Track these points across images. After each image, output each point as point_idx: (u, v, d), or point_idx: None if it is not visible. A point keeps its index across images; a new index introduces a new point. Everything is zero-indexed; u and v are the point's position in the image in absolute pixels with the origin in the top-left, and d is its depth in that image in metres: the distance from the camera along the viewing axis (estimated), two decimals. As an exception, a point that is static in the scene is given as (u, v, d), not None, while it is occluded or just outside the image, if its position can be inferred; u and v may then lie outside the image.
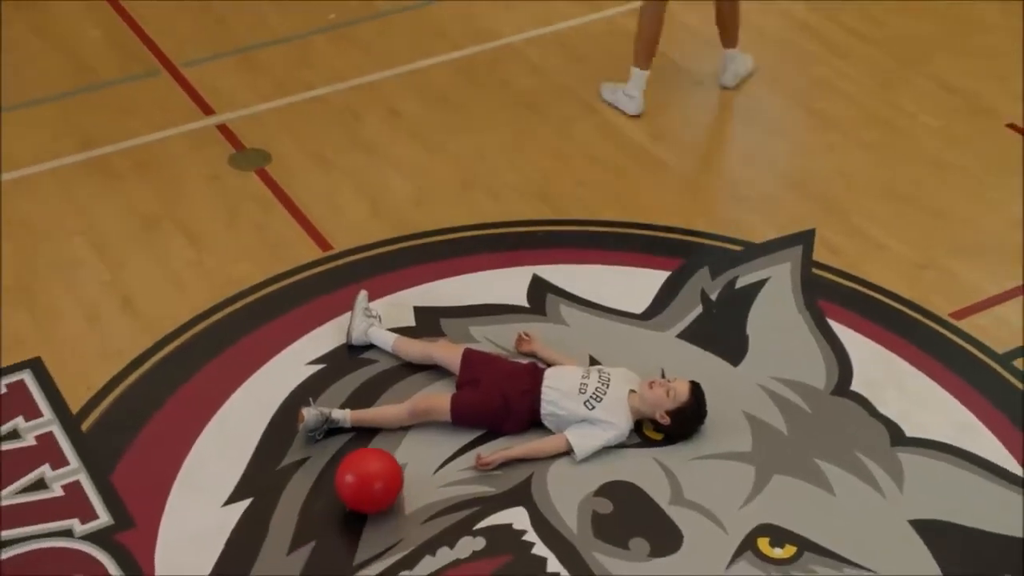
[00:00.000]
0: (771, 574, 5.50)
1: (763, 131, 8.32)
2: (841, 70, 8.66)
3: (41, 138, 7.81)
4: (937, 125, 8.16)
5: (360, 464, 5.80)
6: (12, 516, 5.65)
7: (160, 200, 7.38)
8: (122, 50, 8.61)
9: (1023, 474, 5.99)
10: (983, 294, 6.93)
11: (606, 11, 9.15)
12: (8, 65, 8.49)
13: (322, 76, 8.43)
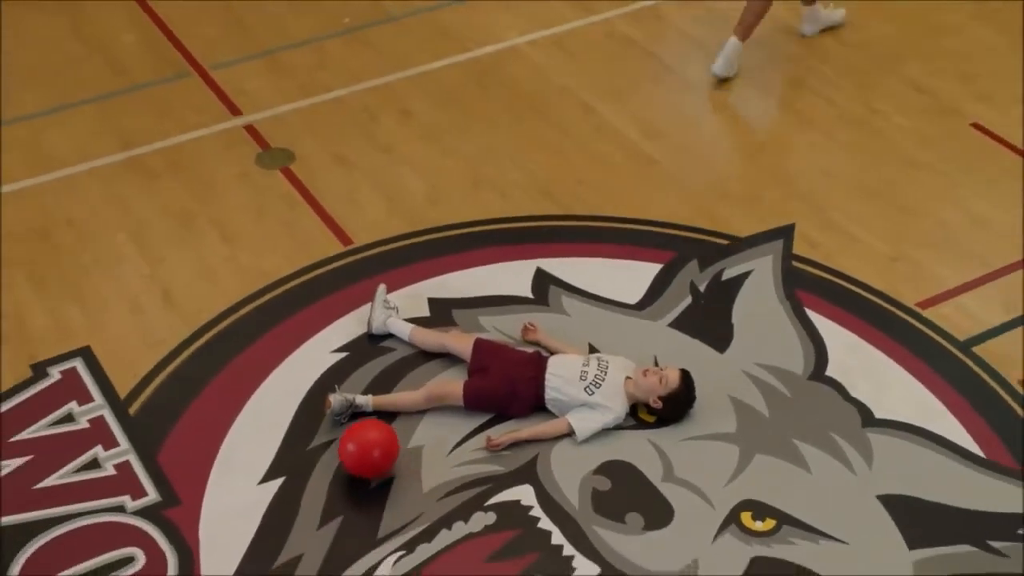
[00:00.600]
0: (753, 546, 5.67)
1: (747, 130, 8.41)
2: (820, 72, 8.66)
3: (83, 139, 7.86)
4: (908, 125, 8.19)
5: (360, 434, 5.95)
6: (70, 493, 5.82)
7: (194, 198, 7.47)
8: (155, 53, 8.63)
9: (981, 453, 6.14)
10: (947, 285, 7.04)
11: (603, 14, 9.14)
12: (49, 67, 8.55)
13: (339, 78, 8.46)
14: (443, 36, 8.86)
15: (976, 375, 6.53)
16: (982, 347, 6.65)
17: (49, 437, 6.08)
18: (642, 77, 8.64)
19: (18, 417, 6.17)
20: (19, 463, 5.94)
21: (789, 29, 9.03)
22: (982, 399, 6.43)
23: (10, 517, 5.72)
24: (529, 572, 5.65)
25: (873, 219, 7.47)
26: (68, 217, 7.29)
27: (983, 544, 5.73)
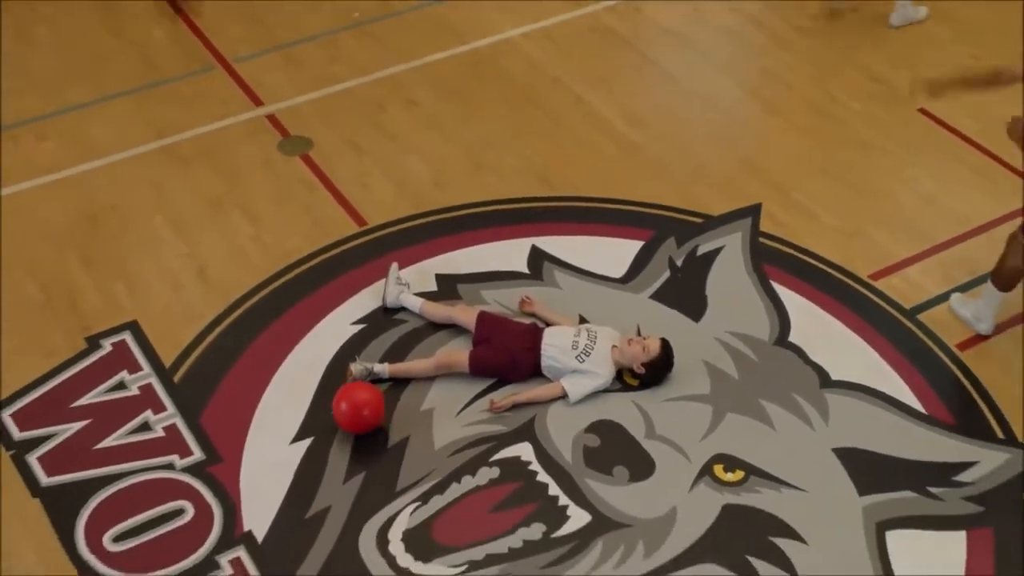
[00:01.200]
0: (724, 494, 5.95)
1: (720, 117, 8.43)
2: (785, 62, 8.75)
3: (121, 129, 7.94)
4: (863, 111, 8.31)
5: (350, 395, 6.15)
6: (126, 453, 6.07)
7: (223, 183, 7.59)
8: (183, 48, 8.67)
9: (923, 409, 6.41)
10: (895, 258, 7.23)
11: (588, 7, 9.18)
12: (88, 62, 8.56)
13: (350, 70, 8.52)
14: (443, 29, 8.89)
15: (919, 339, 6.75)
16: (925, 314, 6.86)
17: (105, 403, 6.28)
18: (625, 67, 8.70)
19: (77, 385, 6.36)
20: (80, 426, 6.15)
21: (758, 21, 9.11)
22: (924, 361, 6.66)
23: (74, 474, 5.95)
24: (529, 521, 5.81)
25: (831, 199, 7.62)
26: (112, 202, 7.40)
27: (923, 490, 6.00)
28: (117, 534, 5.74)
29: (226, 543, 5.69)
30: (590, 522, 5.82)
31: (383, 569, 5.61)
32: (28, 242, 7.17)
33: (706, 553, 5.73)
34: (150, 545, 5.70)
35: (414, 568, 5.60)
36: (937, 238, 7.36)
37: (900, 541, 5.84)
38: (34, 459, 6.02)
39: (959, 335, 6.78)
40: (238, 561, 5.60)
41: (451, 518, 5.82)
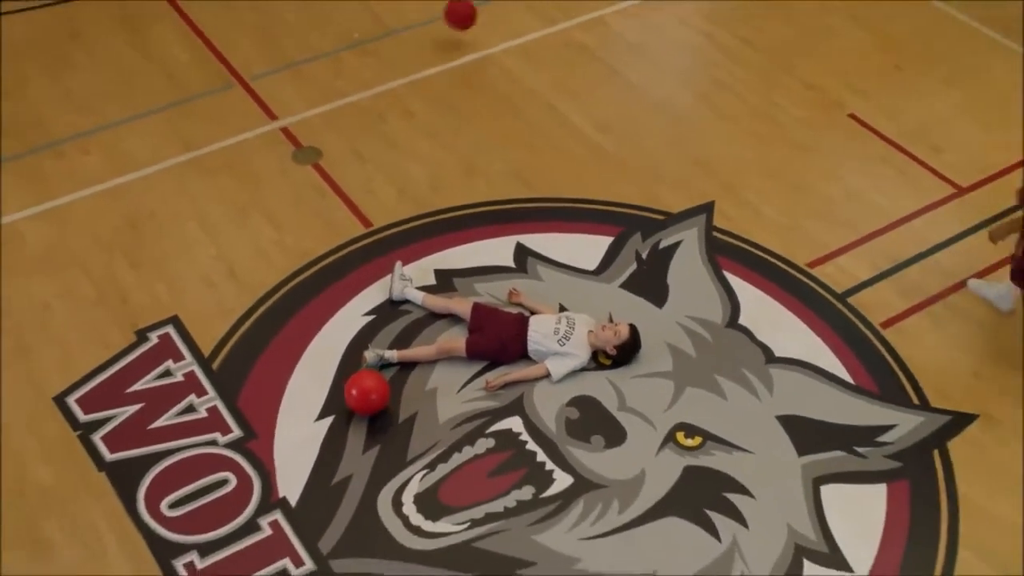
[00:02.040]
0: (685, 457, 6.21)
1: (678, 124, 8.45)
2: (734, 72, 8.84)
3: (154, 143, 7.97)
4: (800, 116, 8.43)
5: (358, 382, 6.31)
6: (175, 431, 6.27)
7: (245, 191, 7.67)
8: (205, 68, 8.63)
9: (852, 380, 6.65)
10: (829, 248, 7.43)
11: (561, 24, 9.18)
12: (121, 83, 8.51)
13: (353, 85, 8.53)
14: (434, 46, 8.87)
15: (849, 320, 6.99)
16: (854, 297, 7.10)
17: (155, 388, 6.46)
18: (593, 79, 8.74)
19: (130, 373, 6.54)
20: (135, 409, 6.36)
21: (709, 36, 9.16)
22: (853, 339, 6.89)
23: (133, 451, 6.17)
24: (520, 484, 6.02)
25: (773, 196, 7.79)
26: (150, 210, 7.49)
27: (851, 450, 6.31)
28: (172, 501, 5.94)
29: (265, 508, 5.90)
30: (572, 483, 6.05)
31: (398, 527, 5.84)
32: (80, 247, 7.23)
33: (670, 508, 5.98)
34: (201, 510, 5.91)
35: (425, 526, 5.83)
36: (864, 230, 7.54)
37: (832, 493, 6.10)
38: (98, 438, 6.21)
39: (882, 315, 7.00)
40: (276, 523, 5.83)
41: (455, 482, 6.04)
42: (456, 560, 5.76)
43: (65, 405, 6.38)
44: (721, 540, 5.89)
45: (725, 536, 5.91)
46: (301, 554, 5.76)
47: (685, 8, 9.48)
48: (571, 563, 5.76)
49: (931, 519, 6.05)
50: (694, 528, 5.94)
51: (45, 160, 7.83)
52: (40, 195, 7.57)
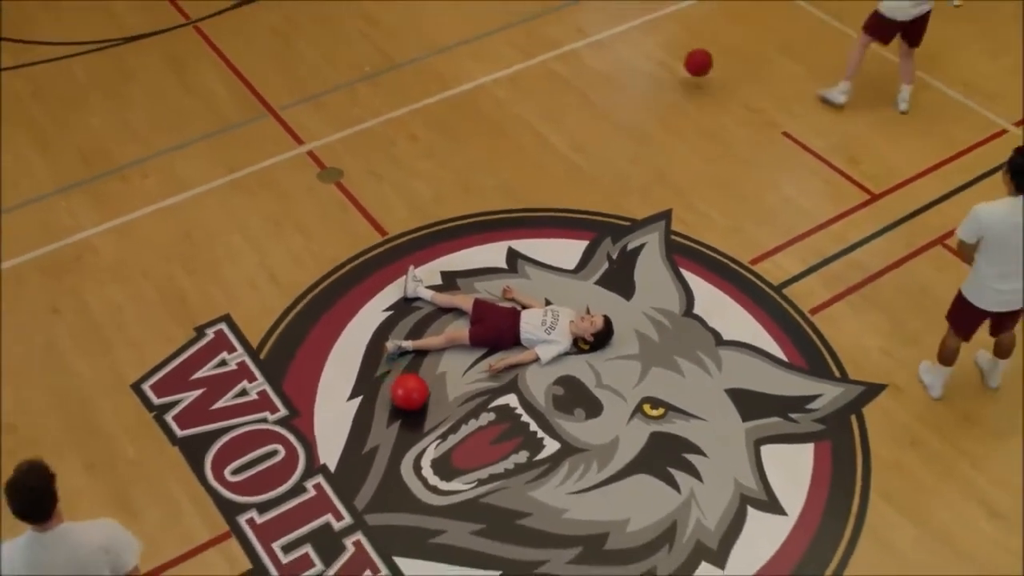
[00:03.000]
0: (651, 425, 6.44)
1: (640, 143, 8.45)
2: (687, 98, 8.85)
3: (201, 167, 8.12)
4: (742, 135, 8.50)
5: (404, 383, 6.50)
6: (232, 411, 6.52)
7: (279, 207, 7.83)
8: (240, 101, 8.74)
9: (786, 359, 6.85)
10: (766, 247, 7.57)
11: (540, 56, 9.21)
12: (171, 115, 8.59)
13: (367, 112, 8.60)
14: (433, 78, 8.95)
15: (784, 308, 7.17)
16: (788, 289, 7.28)
17: (213, 376, 6.70)
18: (569, 105, 8.77)
19: (192, 363, 6.78)
20: (198, 393, 6.62)
21: (666, 66, 9.11)
22: (787, 324, 7.08)
23: (199, 428, 6.44)
24: (517, 449, 6.25)
25: (720, 203, 7.89)
26: (201, 224, 7.66)
27: (785, 416, 6.55)
28: (234, 469, 6.22)
29: (309, 473, 6.17)
30: (559, 448, 6.31)
31: (419, 487, 6.12)
32: (143, 256, 7.43)
33: (640, 467, 6.24)
34: (257, 476, 6.19)
35: (440, 486, 6.11)
36: (795, 232, 7.67)
37: (769, 452, 6.36)
38: (170, 418, 6.47)
39: (811, 304, 7.17)
40: (318, 485, 6.12)
41: (463, 449, 6.30)
42: (467, 512, 6.01)
43: (141, 391, 6.63)
44: (681, 492, 6.14)
45: (684, 488, 6.16)
46: (340, 510, 6.02)
47: (645, 42, 9.45)
48: (560, 513, 6.02)
49: (849, 471, 6.29)
50: (659, 483, 6.17)
51: (112, 183, 7.98)
52: (109, 213, 7.73)
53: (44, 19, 9.66)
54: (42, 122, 8.58)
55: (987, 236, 5.88)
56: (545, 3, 9.84)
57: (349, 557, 5.88)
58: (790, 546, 5.97)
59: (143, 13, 9.71)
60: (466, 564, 5.86)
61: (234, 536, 5.97)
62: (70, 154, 8.31)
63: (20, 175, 8.13)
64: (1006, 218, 5.83)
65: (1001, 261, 5.93)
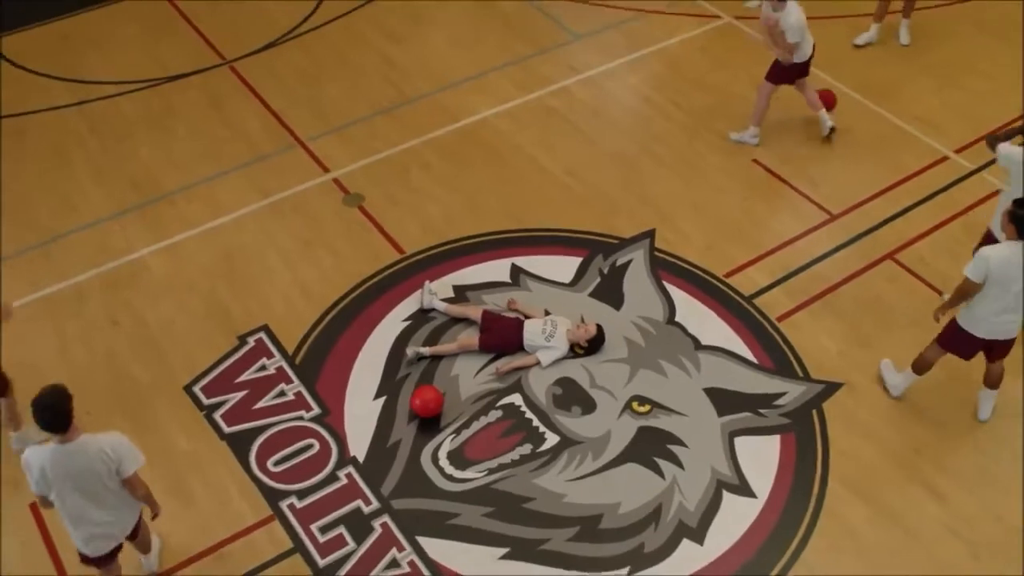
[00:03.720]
0: (639, 420, 6.58)
1: (627, 169, 8.54)
2: (667, 128, 8.92)
3: (239, 193, 8.25)
4: (717, 163, 8.59)
5: (422, 394, 6.61)
6: (272, 410, 6.68)
7: (309, 229, 7.95)
8: (273, 133, 8.84)
9: (756, 361, 6.97)
10: (739, 262, 7.69)
11: (536, 92, 9.30)
12: (211, 146, 8.68)
13: (384, 143, 8.69)
14: (442, 112, 9.06)
15: (755, 316, 7.30)
16: (758, 299, 7.42)
17: (255, 379, 6.86)
18: (563, 135, 8.85)
19: (236, 369, 6.94)
20: (242, 394, 6.78)
21: (649, 100, 9.21)
22: (757, 329, 7.21)
23: (244, 425, 6.61)
24: (522, 442, 6.36)
25: (697, 223, 8.03)
26: (240, 244, 7.79)
27: (755, 411, 6.70)
28: (275, 460, 6.39)
29: (341, 464, 6.35)
30: (559, 441, 6.46)
31: (436, 475, 6.29)
32: (190, 273, 7.56)
33: (629, 457, 6.40)
34: (296, 467, 6.36)
35: (455, 474, 6.28)
36: (764, 248, 7.81)
37: (742, 443, 6.52)
38: (218, 416, 6.64)
39: (777, 312, 7.30)
40: (350, 475, 6.30)
41: (475, 442, 6.45)
42: (479, 497, 6.19)
43: (192, 392, 6.80)
44: (665, 478, 6.29)
45: (668, 475, 6.31)
46: (369, 496, 6.21)
47: (630, 78, 9.53)
48: (560, 497, 6.19)
49: (810, 459, 6.47)
50: (646, 470, 6.33)
51: (161, 208, 8.11)
52: (160, 235, 7.87)
53: (97, 61, 9.77)
54: (97, 154, 8.72)
55: (992, 276, 5.93)
56: (540, 44, 9.95)
57: (377, 537, 6.07)
58: (760, 524, 6.16)
59: (184, 55, 9.83)
60: (479, 542, 6.04)
61: (277, 519, 6.16)
62: (123, 182, 8.44)
63: (80, 201, 8.27)
64: (1010, 259, 5.90)
65: (1001, 297, 6.01)
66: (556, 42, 10.02)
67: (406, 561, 5.98)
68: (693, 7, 10.41)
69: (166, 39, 10.05)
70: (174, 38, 10.05)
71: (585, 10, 10.36)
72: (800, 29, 8.12)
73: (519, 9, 10.40)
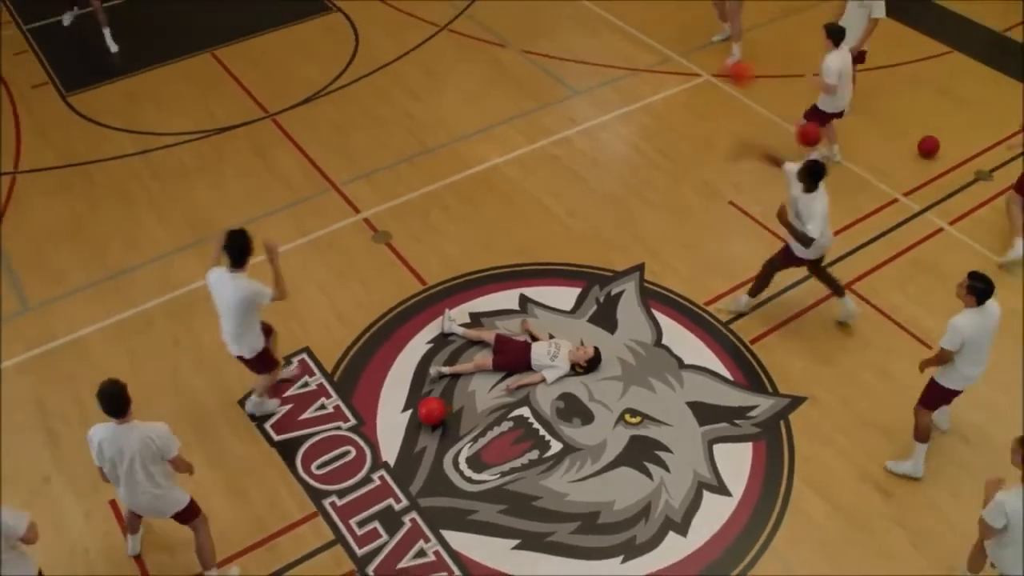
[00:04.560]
0: (631, 430, 6.76)
1: (620, 210, 8.72)
2: (655, 173, 9.11)
3: (283, 231, 8.34)
4: (699, 203, 8.78)
5: (426, 405, 6.80)
6: (314, 421, 6.92)
7: (343, 262, 8.13)
8: (310, 178, 9.03)
9: (732, 379, 7.14)
10: (717, 292, 7.88)
11: (540, 142, 9.42)
12: (258, 190, 8.84)
13: (408, 188, 8.86)
14: (457, 160, 9.22)
15: (731, 339, 7.50)
16: (734, 324, 7.61)
17: (299, 394, 7.11)
18: (564, 180, 9.02)
19: (283, 384, 7.16)
20: (288, 407, 7.02)
21: (638, 148, 9.36)
22: (733, 351, 7.42)
23: (290, 434, 6.83)
24: (530, 449, 6.54)
25: (682, 258, 8.20)
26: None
27: (731, 422, 6.90)
28: (318, 464, 6.63)
29: (374, 467, 6.59)
30: (562, 448, 6.68)
31: (457, 478, 6.53)
32: None
33: (622, 461, 6.63)
34: (336, 470, 6.60)
35: (473, 476, 6.50)
36: (739, 279, 7.92)
37: (720, 449, 6.74)
38: (268, 426, 6.90)
39: (751, 335, 7.47)
40: (382, 477, 6.55)
41: (490, 449, 6.69)
42: (493, 496, 6.44)
43: (245, 405, 7.02)
44: (653, 480, 6.51)
45: (656, 477, 6.52)
46: (399, 495, 6.47)
47: (623, 130, 9.66)
48: (563, 496, 6.42)
49: (778, 463, 6.68)
50: (637, 473, 6.54)
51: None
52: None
53: (156, 116, 10.00)
54: (159, 197, 8.96)
55: (968, 341, 6.10)
56: (543, 99, 10.14)
57: (407, 530, 6.33)
58: (735, 519, 6.40)
59: (232, 109, 10.06)
60: (494, 535, 6.30)
61: (320, 515, 6.42)
62: (181, 222, 8.65)
63: (144, 239, 8.51)
64: (977, 324, 6.09)
65: (976, 355, 6.20)
66: (557, 97, 10.18)
67: (432, 551, 6.24)
68: (677, 67, 10.65)
69: (216, 95, 10.28)
70: (223, 94, 10.29)
71: (583, 69, 10.61)
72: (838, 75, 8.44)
73: (524, 68, 10.59)
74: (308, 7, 11.67)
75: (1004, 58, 10.87)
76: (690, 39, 11.04)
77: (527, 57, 10.66)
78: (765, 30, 11.22)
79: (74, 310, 7.89)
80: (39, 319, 7.86)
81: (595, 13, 11.52)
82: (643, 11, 11.50)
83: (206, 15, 11.56)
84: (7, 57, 10.85)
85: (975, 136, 9.70)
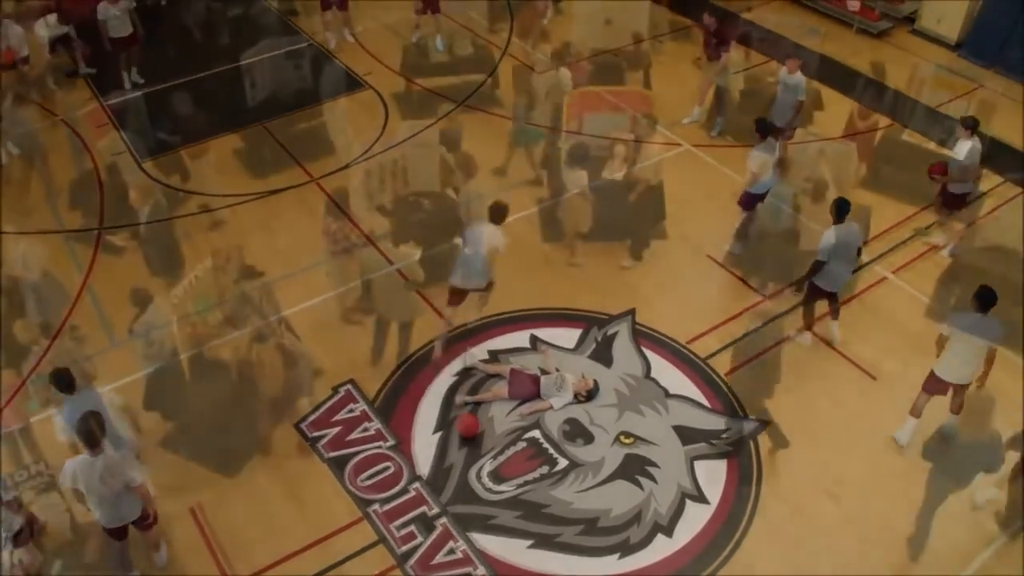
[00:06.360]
0: (625, 449, 7.10)
1: (610, 263, 9.04)
2: (639, 229, 9.13)
3: (314, 286, 8.60)
4: (679, 256, 9.13)
5: (462, 421, 7.19)
6: (359, 441, 7.31)
7: (381, 307, 8.45)
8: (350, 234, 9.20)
9: (710, 406, 7.52)
10: (696, 332, 8.23)
11: (544, 204, 9.63)
12: (308, 242, 8.95)
13: (439, 239, 9.04)
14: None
15: (709, 372, 7.87)
16: (711, 359, 7.97)
17: (345, 419, 7.50)
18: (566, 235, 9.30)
19: (331, 411, 7.59)
20: (337, 430, 7.43)
21: (622, 201, 9.57)
22: (710, 382, 7.79)
23: (339, 451, 7.18)
24: (541, 464, 6.89)
25: (667, 304, 8.59)
26: (330, 317, 8.34)
27: (709, 442, 7.29)
28: (363, 477, 7.03)
29: (410, 480, 6.99)
30: (567, 464, 7.09)
31: (480, 489, 6.93)
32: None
33: (618, 475, 7.01)
34: (378, 482, 7.02)
35: (494, 488, 6.90)
36: (715, 321, 8.36)
37: (700, 465, 7.14)
38: (320, 445, 7.27)
39: (725, 368, 7.82)
40: (417, 488, 6.96)
41: (507, 465, 7.09)
42: (511, 504, 6.86)
43: (301, 429, 7.46)
44: (644, 491, 6.91)
45: (646, 489, 6.93)
46: (432, 503, 6.88)
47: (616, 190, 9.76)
48: (569, 504, 6.85)
49: (749, 476, 7.11)
50: (630, 485, 6.94)
51: (274, 289, 8.62)
52: (273, 311, 8.40)
53: (217, 180, 10.39)
54: (219, 248, 9.29)
55: (953, 335, 6.69)
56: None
57: (439, 533, 6.77)
58: (712, 523, 6.85)
59: (282, 174, 10.40)
60: (512, 536, 6.73)
61: (365, 520, 6.85)
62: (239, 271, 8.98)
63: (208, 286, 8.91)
64: (970, 324, 6.65)
65: (963, 351, 6.74)
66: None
67: (460, 550, 6.68)
68: (659, 136, 10.97)
69: (267, 161, 10.67)
70: (274, 161, 10.68)
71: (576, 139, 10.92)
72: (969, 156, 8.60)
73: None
74: (344, 85, 12.04)
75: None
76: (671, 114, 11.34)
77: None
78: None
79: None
80: (124, 353, 8.20)
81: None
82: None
83: (256, 91, 12.01)
84: (91, 129, 11.27)
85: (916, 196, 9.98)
